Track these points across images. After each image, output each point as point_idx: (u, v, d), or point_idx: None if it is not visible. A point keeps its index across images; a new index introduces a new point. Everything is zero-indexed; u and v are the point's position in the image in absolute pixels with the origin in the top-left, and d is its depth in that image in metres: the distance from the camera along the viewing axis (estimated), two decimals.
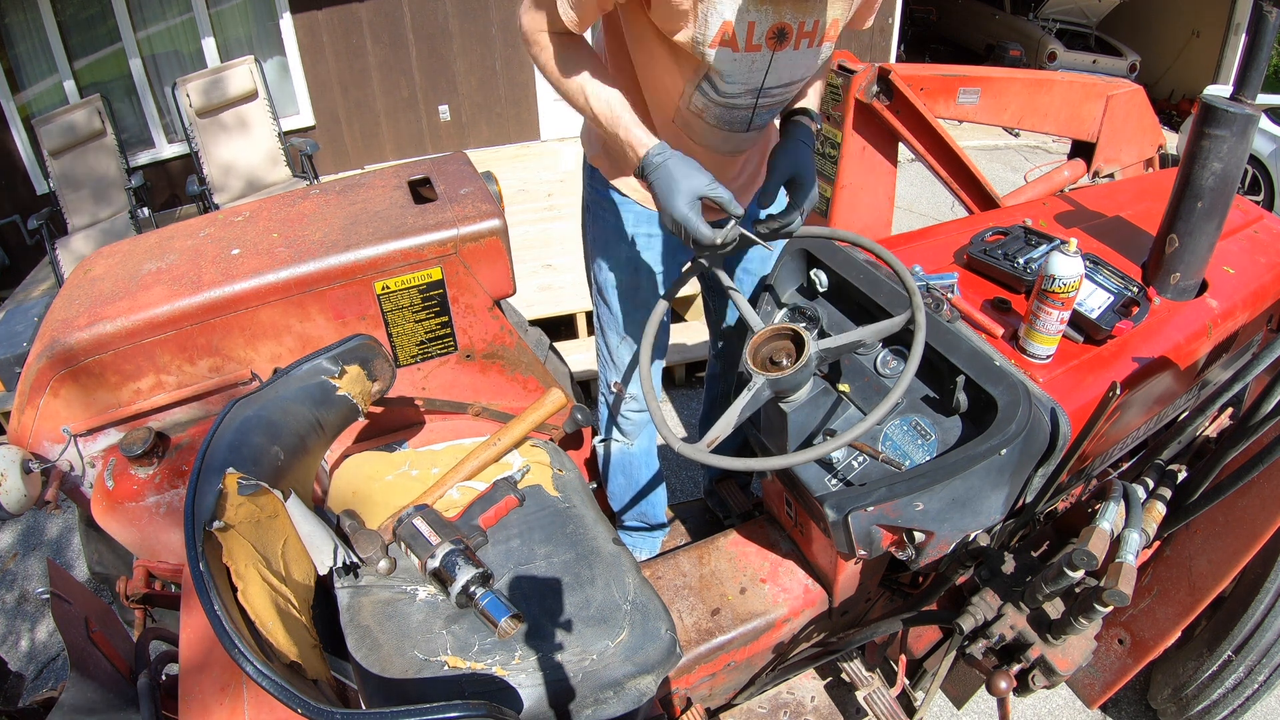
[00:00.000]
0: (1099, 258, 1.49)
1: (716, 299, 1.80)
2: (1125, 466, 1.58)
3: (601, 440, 1.87)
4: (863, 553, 1.21)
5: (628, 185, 1.48)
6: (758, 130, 1.38)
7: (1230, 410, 1.78)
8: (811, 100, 1.41)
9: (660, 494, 1.96)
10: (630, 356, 1.69)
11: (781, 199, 1.38)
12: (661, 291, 1.60)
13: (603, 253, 1.58)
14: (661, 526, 2.03)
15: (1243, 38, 6.57)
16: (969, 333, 1.34)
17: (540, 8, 1.19)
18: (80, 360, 1.29)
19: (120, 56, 4.92)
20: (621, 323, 1.64)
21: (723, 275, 1.35)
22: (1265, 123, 5.17)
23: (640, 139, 1.21)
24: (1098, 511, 1.21)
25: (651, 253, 1.55)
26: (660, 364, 1.79)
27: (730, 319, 1.80)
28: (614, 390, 1.75)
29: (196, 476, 0.98)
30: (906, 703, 1.56)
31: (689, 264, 1.41)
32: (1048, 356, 1.34)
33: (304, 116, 5.43)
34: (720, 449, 1.14)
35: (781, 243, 1.59)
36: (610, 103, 1.23)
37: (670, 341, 3.35)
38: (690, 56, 1.18)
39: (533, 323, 2.05)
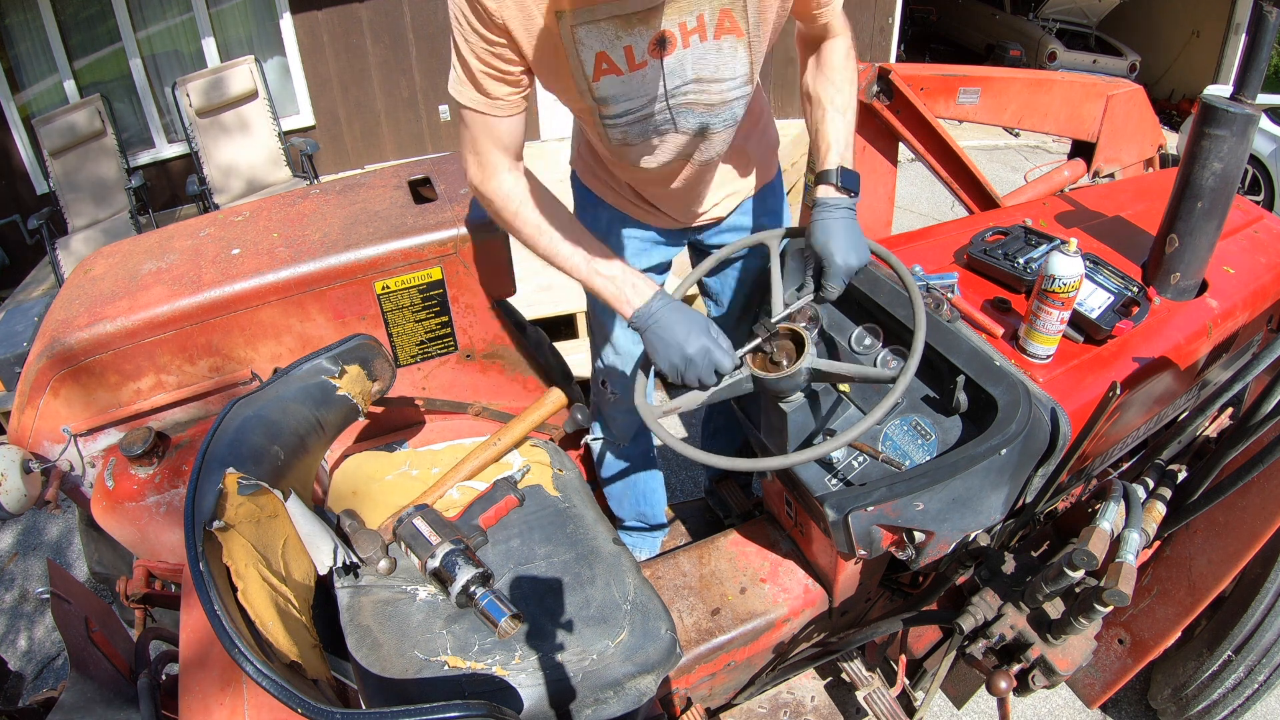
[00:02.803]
0: (1099, 258, 1.49)
1: (712, 300, 1.79)
2: (1125, 466, 1.58)
3: (595, 438, 1.86)
4: (863, 553, 1.21)
5: (601, 187, 1.46)
6: (705, 135, 1.23)
7: (1230, 410, 1.78)
8: (837, 143, 1.25)
9: (660, 494, 1.96)
10: (617, 358, 1.68)
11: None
12: None
13: None
14: (661, 526, 2.03)
15: (1243, 38, 6.58)
16: (969, 333, 1.34)
17: (477, 141, 1.12)
18: (80, 360, 1.29)
19: (120, 56, 4.93)
20: (608, 325, 1.63)
21: (711, 282, 1.31)
22: (1265, 123, 5.17)
23: (641, 285, 1.16)
24: (1098, 511, 1.21)
25: (627, 254, 1.53)
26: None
27: (720, 313, 1.78)
28: (603, 389, 1.74)
29: (196, 476, 0.98)
30: (906, 703, 1.56)
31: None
32: (1048, 356, 1.34)
33: (304, 116, 5.43)
34: (720, 449, 1.14)
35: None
36: (596, 252, 1.16)
37: None
38: (580, 96, 1.13)
39: (533, 323, 2.05)
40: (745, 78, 1.18)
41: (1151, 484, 1.34)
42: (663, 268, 1.63)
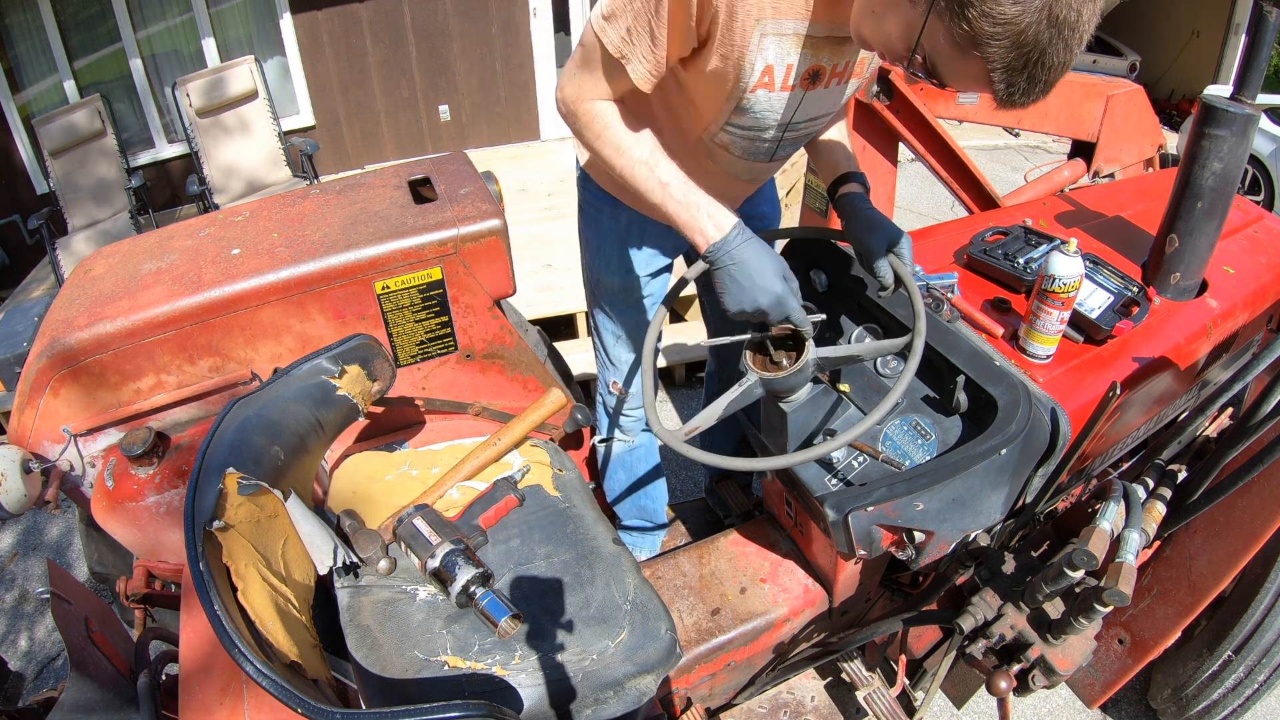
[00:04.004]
0: (1099, 258, 1.49)
1: (713, 299, 1.80)
2: (1125, 466, 1.58)
3: (602, 440, 1.87)
4: (863, 553, 1.21)
5: (623, 192, 1.48)
6: (779, 161, 1.37)
7: (1230, 410, 1.78)
8: (845, 144, 1.37)
9: (661, 493, 1.96)
10: (626, 355, 1.69)
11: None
12: (653, 292, 1.62)
13: (596, 255, 1.59)
14: (662, 526, 2.03)
15: (1243, 38, 6.58)
16: (969, 333, 1.34)
17: (593, 73, 1.11)
18: (80, 360, 1.29)
19: (120, 56, 4.93)
20: (616, 323, 1.65)
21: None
22: (1265, 123, 5.17)
23: (720, 216, 1.11)
24: (1098, 511, 1.21)
25: (642, 255, 1.57)
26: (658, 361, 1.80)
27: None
28: (613, 390, 1.75)
29: (196, 476, 0.98)
30: (906, 703, 1.56)
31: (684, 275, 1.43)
32: (1048, 356, 1.34)
33: (304, 116, 5.43)
34: (718, 448, 1.14)
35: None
36: (673, 178, 1.13)
37: (670, 342, 3.37)
38: (725, 98, 1.16)
39: (533, 323, 2.05)
40: (841, 111, 1.34)
41: (1151, 484, 1.34)
42: (671, 266, 1.67)
